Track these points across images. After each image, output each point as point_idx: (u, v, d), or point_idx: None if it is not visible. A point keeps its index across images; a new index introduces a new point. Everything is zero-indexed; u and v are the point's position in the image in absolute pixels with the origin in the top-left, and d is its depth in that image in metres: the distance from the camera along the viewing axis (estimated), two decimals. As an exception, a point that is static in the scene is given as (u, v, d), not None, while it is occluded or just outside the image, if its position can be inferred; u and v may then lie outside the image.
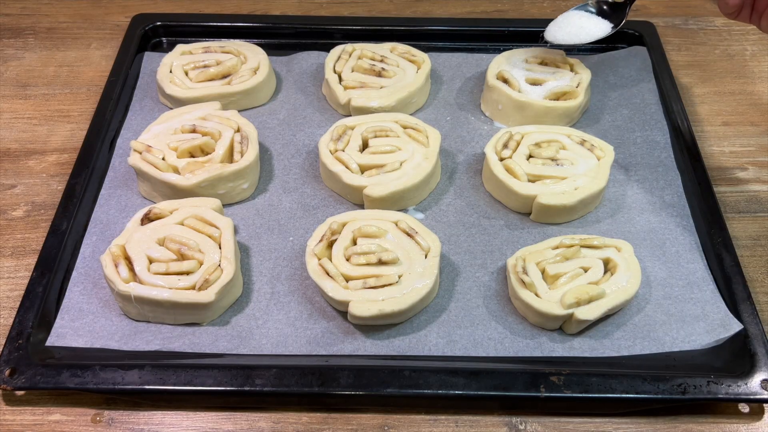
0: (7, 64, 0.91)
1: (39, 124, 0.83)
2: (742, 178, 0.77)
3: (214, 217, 0.66)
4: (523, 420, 0.58)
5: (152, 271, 0.62)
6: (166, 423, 0.58)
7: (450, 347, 0.61)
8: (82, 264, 0.67)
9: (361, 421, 0.58)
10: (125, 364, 0.58)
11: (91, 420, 0.58)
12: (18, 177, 0.77)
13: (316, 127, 0.81)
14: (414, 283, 0.61)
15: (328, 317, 0.63)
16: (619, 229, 0.70)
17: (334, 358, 0.60)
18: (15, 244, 0.71)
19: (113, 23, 0.97)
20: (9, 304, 0.66)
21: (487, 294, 0.65)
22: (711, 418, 0.59)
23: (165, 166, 0.70)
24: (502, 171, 0.71)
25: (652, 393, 0.57)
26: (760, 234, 0.72)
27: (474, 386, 0.57)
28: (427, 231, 0.66)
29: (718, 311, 0.63)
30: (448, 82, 0.86)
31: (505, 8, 1.00)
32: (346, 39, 0.89)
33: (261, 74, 0.81)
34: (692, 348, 0.61)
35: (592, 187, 0.69)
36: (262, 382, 0.57)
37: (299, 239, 0.69)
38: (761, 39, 0.95)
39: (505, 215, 0.72)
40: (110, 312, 0.63)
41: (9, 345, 0.59)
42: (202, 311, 0.61)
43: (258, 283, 0.66)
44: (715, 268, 0.66)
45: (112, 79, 0.84)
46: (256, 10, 0.99)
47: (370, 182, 0.70)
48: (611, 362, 0.60)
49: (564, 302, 0.59)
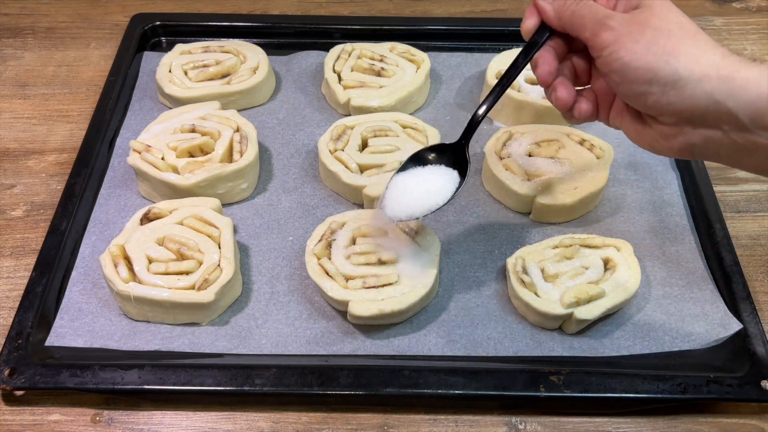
0: (7, 63, 0.91)
1: (38, 123, 0.83)
2: (741, 177, 0.77)
3: (213, 216, 0.66)
4: (523, 420, 0.58)
5: (152, 270, 0.62)
6: (166, 423, 0.58)
7: (450, 347, 0.61)
8: (81, 264, 0.66)
9: (361, 421, 0.58)
10: (125, 364, 0.58)
11: (90, 420, 0.58)
12: (17, 177, 0.77)
13: (315, 126, 0.81)
14: (414, 282, 0.61)
15: (327, 317, 0.63)
16: (619, 229, 0.70)
17: (333, 358, 0.60)
18: (14, 244, 0.70)
19: (112, 23, 0.97)
20: (8, 304, 0.65)
21: (487, 294, 0.65)
22: (711, 417, 0.59)
23: (164, 166, 0.70)
24: (501, 171, 0.71)
25: (652, 393, 0.57)
26: (759, 233, 0.72)
27: (474, 386, 0.57)
28: (427, 231, 0.66)
29: (718, 311, 0.63)
30: (447, 81, 0.86)
31: (505, 8, 1.00)
32: (345, 38, 0.89)
33: (260, 74, 0.81)
34: (692, 347, 0.61)
35: (592, 187, 0.69)
36: (262, 382, 0.57)
37: (299, 239, 0.69)
38: (761, 39, 0.95)
39: (505, 215, 0.72)
40: (110, 312, 0.63)
41: (8, 345, 0.59)
42: (202, 311, 0.61)
43: (257, 283, 0.66)
44: (715, 267, 0.66)
45: (112, 79, 0.84)
46: (256, 9, 0.99)
47: (369, 182, 0.70)
48: (611, 362, 0.60)
49: (564, 302, 0.59)
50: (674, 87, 0.46)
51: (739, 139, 0.46)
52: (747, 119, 0.45)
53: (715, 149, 0.48)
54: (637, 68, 0.47)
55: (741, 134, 0.46)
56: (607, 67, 0.49)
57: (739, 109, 0.45)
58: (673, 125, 0.49)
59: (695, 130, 0.48)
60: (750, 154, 0.47)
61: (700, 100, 0.46)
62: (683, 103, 0.46)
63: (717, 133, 0.47)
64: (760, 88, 0.44)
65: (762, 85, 0.44)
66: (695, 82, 0.46)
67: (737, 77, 0.45)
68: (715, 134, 0.47)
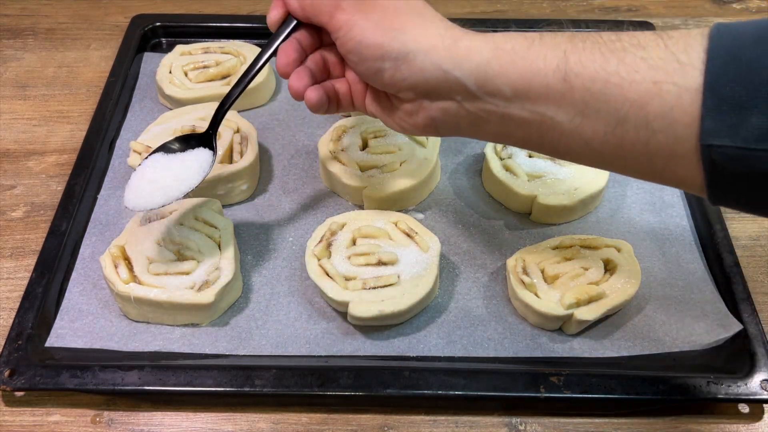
0: (7, 64, 0.91)
1: (38, 124, 0.83)
2: (741, 178, 0.77)
3: (213, 217, 0.66)
4: (523, 420, 0.58)
5: (152, 271, 0.62)
6: (166, 424, 0.58)
7: (450, 347, 0.61)
8: (81, 265, 0.66)
9: (361, 422, 0.58)
10: (125, 364, 0.58)
11: (90, 421, 0.58)
12: (17, 178, 0.77)
13: (315, 127, 0.81)
14: (414, 283, 0.61)
15: (327, 318, 0.63)
16: (619, 229, 0.70)
17: (333, 359, 0.60)
18: (14, 245, 0.71)
19: (113, 24, 0.97)
20: (8, 304, 0.65)
21: (487, 294, 0.65)
22: (711, 418, 0.59)
23: (164, 167, 0.70)
24: (502, 171, 0.71)
25: (652, 393, 0.57)
26: (759, 234, 0.72)
27: (474, 387, 0.57)
28: (427, 231, 0.66)
29: (718, 311, 0.63)
30: (447, 82, 0.86)
31: (505, 8, 1.00)
32: (345, 39, 0.89)
33: (260, 75, 0.81)
34: (692, 348, 0.61)
35: (592, 187, 0.69)
36: (262, 382, 0.57)
37: (299, 240, 0.69)
38: (761, 39, 0.95)
39: (505, 215, 0.72)
40: (110, 313, 0.63)
41: (8, 346, 0.59)
42: (202, 312, 0.61)
43: (257, 284, 0.66)
44: (715, 268, 0.66)
45: (112, 80, 0.84)
46: (256, 10, 0.99)
47: (370, 182, 0.70)
48: (611, 362, 0.60)
49: (564, 302, 0.59)
50: (405, 61, 0.48)
51: (472, 108, 0.48)
52: (474, 87, 0.47)
53: (455, 121, 0.50)
54: (369, 45, 0.49)
55: (473, 103, 0.48)
56: (344, 48, 0.51)
57: (465, 78, 0.47)
58: (412, 101, 0.51)
59: (433, 103, 0.50)
60: (486, 122, 0.49)
61: (430, 72, 0.48)
62: (416, 76, 0.48)
63: (452, 104, 0.49)
64: (481, 55, 0.46)
65: (483, 52, 0.46)
66: (423, 54, 0.48)
67: (461, 46, 0.47)
68: (450, 106, 0.49)
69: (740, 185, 0.40)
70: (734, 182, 0.40)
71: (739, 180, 0.40)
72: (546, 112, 0.45)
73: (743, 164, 0.39)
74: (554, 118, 0.45)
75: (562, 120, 0.44)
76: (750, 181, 0.39)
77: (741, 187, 0.41)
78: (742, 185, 0.40)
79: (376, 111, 0.56)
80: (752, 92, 0.37)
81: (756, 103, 0.37)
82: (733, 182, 0.40)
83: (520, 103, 0.46)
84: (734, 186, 0.41)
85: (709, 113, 0.39)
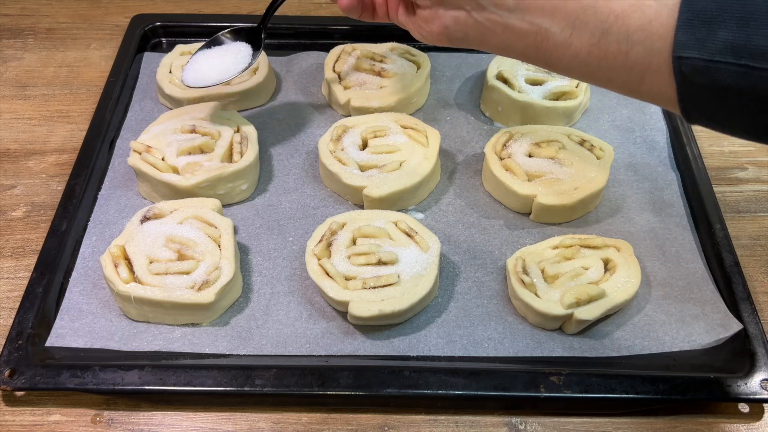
0: (7, 64, 0.91)
1: (38, 124, 0.83)
2: (741, 177, 0.77)
3: (213, 217, 0.66)
4: (523, 420, 0.58)
5: (152, 271, 0.62)
6: (166, 423, 0.58)
7: (450, 347, 0.61)
8: (81, 264, 0.66)
9: (361, 422, 0.58)
10: (125, 364, 0.58)
11: (90, 420, 0.58)
12: (18, 177, 0.77)
13: (315, 127, 0.81)
14: (414, 283, 0.61)
15: (327, 317, 0.63)
16: (619, 229, 0.70)
17: (333, 359, 0.60)
18: (15, 245, 0.71)
19: (113, 24, 0.97)
20: (9, 304, 0.66)
21: (487, 294, 0.65)
22: (711, 418, 0.59)
23: (164, 167, 0.70)
24: (501, 171, 0.71)
25: (652, 393, 0.57)
26: (759, 234, 0.72)
27: (474, 386, 0.57)
28: (427, 231, 0.66)
29: (718, 311, 0.63)
30: (447, 82, 0.86)
31: None
32: (345, 39, 0.89)
33: (260, 74, 0.81)
34: (692, 348, 0.61)
35: (591, 187, 0.69)
36: (262, 382, 0.57)
37: (299, 239, 0.69)
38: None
39: (504, 215, 0.72)
40: (110, 312, 0.63)
41: (9, 345, 0.59)
42: (202, 312, 0.61)
43: (258, 284, 0.66)
44: (715, 267, 0.66)
45: (112, 80, 0.84)
46: (256, 10, 0.99)
47: (369, 182, 0.70)
48: (611, 362, 0.60)
49: (564, 302, 0.59)
50: None
51: (480, 17, 0.52)
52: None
53: (464, 30, 0.54)
54: None
55: (480, 13, 0.52)
56: None
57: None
58: (429, 8, 0.55)
59: (447, 12, 0.54)
60: (491, 32, 0.52)
61: None
62: None
63: (462, 14, 0.53)
64: None
65: None
66: None
67: None
68: (461, 15, 0.53)
69: (707, 99, 0.43)
70: (702, 96, 0.43)
71: (706, 93, 0.42)
72: (542, 23, 0.49)
73: (708, 77, 0.41)
74: (549, 29, 0.49)
75: (555, 31, 0.48)
76: (714, 94, 0.42)
77: (709, 102, 0.43)
78: (709, 100, 0.43)
79: (404, 20, 0.60)
80: (722, 7, 0.40)
81: (724, 17, 0.40)
82: (701, 95, 0.43)
83: (521, 14, 0.50)
84: (702, 100, 0.43)
85: (681, 26, 0.42)
